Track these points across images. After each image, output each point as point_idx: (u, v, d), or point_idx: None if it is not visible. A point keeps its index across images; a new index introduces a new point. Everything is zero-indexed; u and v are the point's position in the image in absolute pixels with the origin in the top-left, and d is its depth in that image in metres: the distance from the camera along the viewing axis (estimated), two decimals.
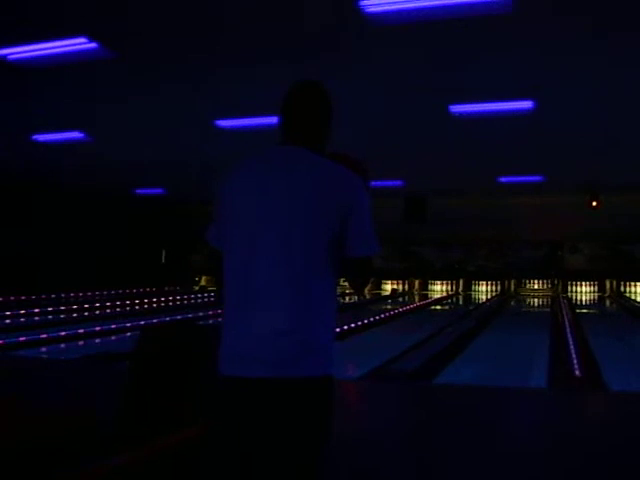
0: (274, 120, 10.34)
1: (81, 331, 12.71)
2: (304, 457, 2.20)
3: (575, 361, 9.62)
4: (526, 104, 12.15)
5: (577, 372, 8.97)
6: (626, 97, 11.74)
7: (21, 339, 11.41)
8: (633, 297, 25.34)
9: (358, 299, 23.72)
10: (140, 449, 3.23)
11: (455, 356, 10.56)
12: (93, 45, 9.16)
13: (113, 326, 12.80)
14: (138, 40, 9.30)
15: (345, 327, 13.60)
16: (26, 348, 10.86)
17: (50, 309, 17.14)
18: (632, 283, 26.71)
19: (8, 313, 16.03)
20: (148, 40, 9.30)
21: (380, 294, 27.02)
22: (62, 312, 16.88)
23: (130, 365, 4.75)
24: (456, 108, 12.57)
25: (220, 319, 2.40)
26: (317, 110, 2.49)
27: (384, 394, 7.47)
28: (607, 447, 5.34)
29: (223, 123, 13.97)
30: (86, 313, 16.67)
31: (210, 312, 17.35)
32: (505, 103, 12.20)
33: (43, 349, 11.17)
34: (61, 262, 23.81)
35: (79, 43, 9.10)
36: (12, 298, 19.02)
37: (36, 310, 16.83)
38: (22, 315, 16.18)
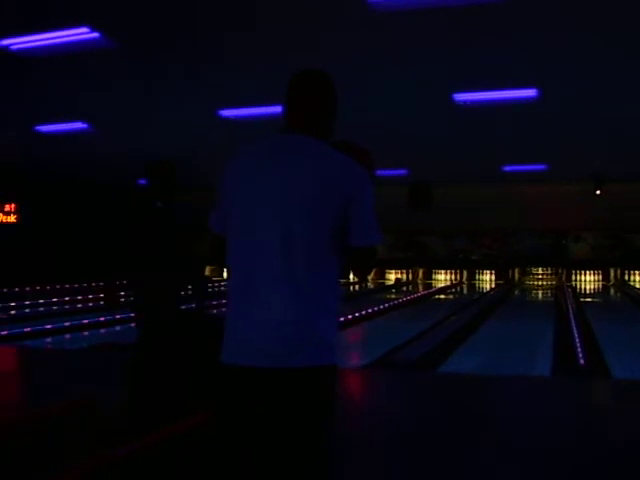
0: (278, 109, 10.33)
1: (85, 321, 12.73)
2: (310, 443, 2.20)
3: (579, 349, 9.62)
4: (530, 92, 12.13)
5: (581, 360, 8.97)
6: (630, 87, 11.71)
7: (26, 330, 11.44)
8: (637, 286, 25.31)
9: (361, 288, 23.76)
10: (144, 438, 3.24)
11: (459, 345, 10.57)
12: (95, 35, 9.15)
13: (118, 316, 12.80)
14: (140, 30, 9.28)
15: (349, 316, 13.61)
16: (32, 338, 10.90)
17: (54, 299, 17.18)
18: (636, 272, 26.71)
19: (13, 304, 16.07)
20: (150, 30, 9.28)
21: (384, 283, 27.03)
22: (67, 303, 16.92)
23: (133, 355, 4.77)
24: (460, 96, 12.54)
25: (224, 309, 2.38)
26: (321, 98, 2.46)
27: (389, 383, 7.48)
28: (611, 435, 5.35)
29: (226, 113, 13.95)
30: (90, 304, 16.67)
31: (214, 302, 17.34)
32: (509, 91, 12.17)
33: (48, 339, 11.20)
34: (65, 253, 23.83)
35: (81, 33, 9.09)
36: (16, 289, 19.09)
37: (40, 301, 16.87)
38: (27, 306, 16.22)
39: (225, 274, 30.54)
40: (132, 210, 5.63)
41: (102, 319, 12.89)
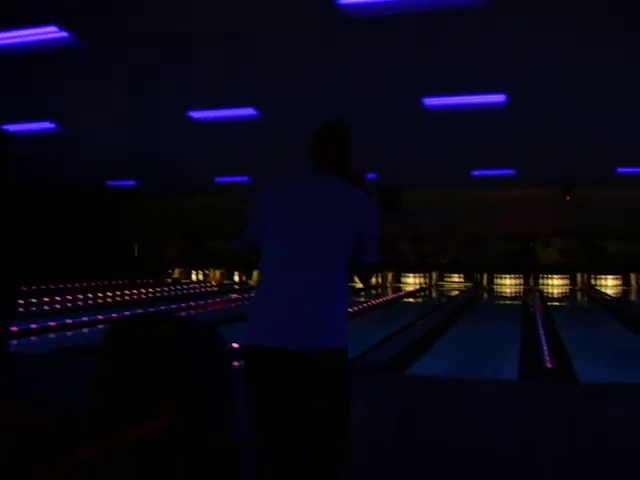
0: (248, 111, 10.29)
1: (52, 324, 12.59)
2: (338, 406, 2.91)
3: (546, 353, 9.69)
4: (499, 98, 12.23)
5: (548, 364, 9.04)
6: (597, 92, 11.83)
7: None
8: (604, 290, 25.60)
9: None
10: (108, 442, 3.20)
11: (427, 348, 10.59)
12: (64, 34, 9.07)
13: (85, 319, 12.69)
14: (110, 30, 9.22)
15: None
16: None
17: (21, 302, 16.95)
18: (603, 276, 27.03)
19: None
20: (120, 31, 9.23)
21: (353, 286, 27.03)
22: (33, 305, 16.72)
23: (99, 358, 4.70)
24: (430, 101, 12.60)
25: (249, 300, 3.05)
26: (342, 148, 3.20)
27: (356, 386, 7.47)
28: (577, 437, 5.39)
29: (196, 114, 13.90)
30: (57, 306, 16.51)
31: (183, 304, 17.26)
32: (478, 96, 12.27)
33: (13, 342, 11.04)
34: (33, 254, 23.56)
35: (49, 32, 9.01)
36: None
37: None
38: None
39: (194, 276, 30.48)
40: None
41: (69, 321, 12.77)
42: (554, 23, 8.69)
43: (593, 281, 27.07)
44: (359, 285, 3.76)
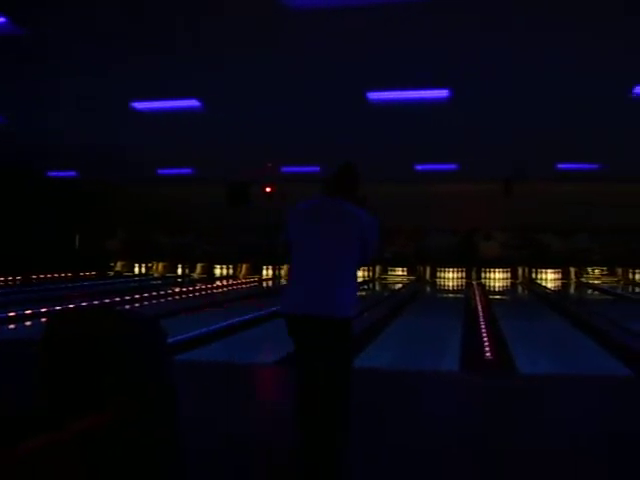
0: (191, 102, 10.16)
1: None
2: (342, 353, 4.19)
3: (487, 345, 9.84)
4: (442, 93, 12.33)
5: (488, 355, 9.17)
6: (538, 88, 12.03)
7: None
8: (544, 284, 26.07)
9: (274, 284, 23.84)
10: (45, 436, 3.15)
11: (371, 340, 10.64)
12: (2, 20, 8.87)
13: (28, 312, 12.48)
14: (50, 17, 9.01)
15: (263, 312, 13.63)
16: None
17: None
18: (543, 270, 27.55)
19: None
20: (60, 17, 9.02)
21: None
22: None
23: (39, 352, 4.62)
24: (374, 95, 12.65)
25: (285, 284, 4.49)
26: (351, 183, 4.33)
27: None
28: (515, 426, 5.48)
29: (140, 105, 13.73)
30: None
31: (127, 297, 17.04)
32: (422, 91, 12.34)
33: None
34: None
35: None
36: None
37: None
38: None
39: (136, 269, 30.16)
40: None
41: (12, 314, 12.52)
42: (497, 20, 8.79)
43: (534, 275, 27.57)
44: None
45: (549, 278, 27.41)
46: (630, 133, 15.55)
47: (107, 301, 15.95)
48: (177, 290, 20.49)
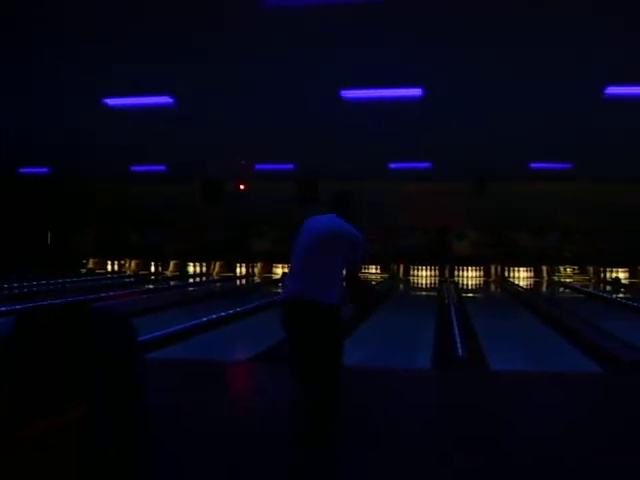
0: (164, 99, 10.07)
1: None
2: (330, 335, 4.74)
3: (459, 342, 9.89)
4: (415, 91, 12.37)
5: (460, 353, 9.23)
6: (511, 88, 12.11)
7: None
8: (516, 282, 26.26)
9: (247, 282, 23.83)
10: (11, 435, 3.12)
11: (344, 338, 10.65)
12: None
13: (3, 309, 12.38)
14: (15, 8, 8.86)
15: (238, 309, 13.62)
16: None
17: None
18: (515, 268, 27.75)
19: None
20: (26, 7, 8.86)
21: (271, 277, 27.03)
22: None
23: (5, 349, 4.57)
24: (347, 93, 12.66)
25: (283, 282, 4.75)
26: (348, 205, 5.10)
27: (272, 375, 7.48)
28: (487, 424, 5.52)
29: (112, 101, 13.63)
30: None
31: (102, 294, 16.91)
32: (395, 90, 12.37)
33: None
34: None
35: None
36: None
37: None
38: None
39: (109, 267, 29.94)
40: None
41: None
42: (471, 18, 8.83)
43: (506, 273, 27.76)
44: None
45: (521, 276, 27.61)
46: (602, 133, 15.69)
47: (81, 299, 15.83)
48: (151, 287, 20.38)
